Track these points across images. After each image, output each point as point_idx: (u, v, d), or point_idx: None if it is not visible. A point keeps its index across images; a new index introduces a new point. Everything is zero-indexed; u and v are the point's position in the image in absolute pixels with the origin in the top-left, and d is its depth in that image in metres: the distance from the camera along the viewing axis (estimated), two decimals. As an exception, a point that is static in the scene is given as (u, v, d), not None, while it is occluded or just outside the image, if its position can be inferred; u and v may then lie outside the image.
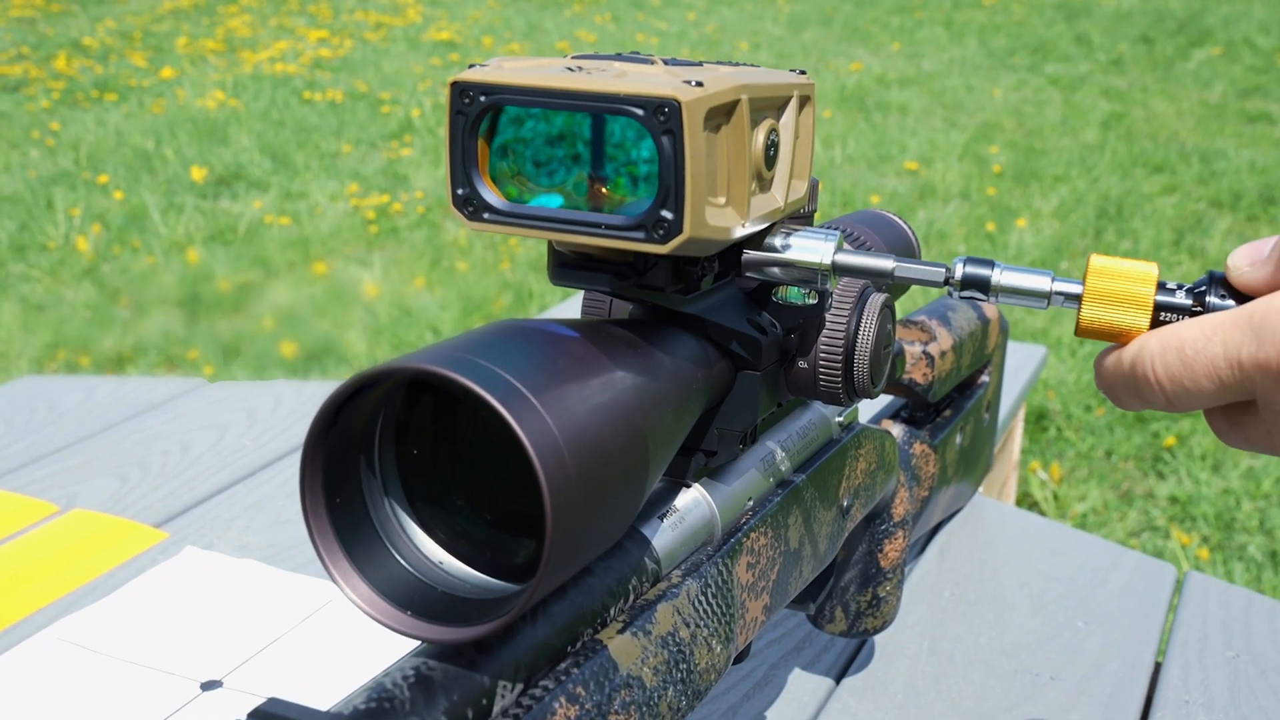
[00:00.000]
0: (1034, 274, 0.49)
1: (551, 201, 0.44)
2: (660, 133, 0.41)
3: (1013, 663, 0.85)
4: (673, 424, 0.46)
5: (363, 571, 0.41)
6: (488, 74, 0.43)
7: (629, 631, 0.47)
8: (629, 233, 0.43)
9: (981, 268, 0.49)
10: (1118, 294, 0.47)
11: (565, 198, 0.44)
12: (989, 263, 0.49)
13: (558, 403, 0.39)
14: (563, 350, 0.41)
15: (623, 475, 0.41)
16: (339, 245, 3.73)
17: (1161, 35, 6.85)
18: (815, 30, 7.26)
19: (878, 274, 0.50)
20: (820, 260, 0.50)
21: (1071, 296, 0.48)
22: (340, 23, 7.31)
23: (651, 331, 0.49)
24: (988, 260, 0.49)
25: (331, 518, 0.41)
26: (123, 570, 0.95)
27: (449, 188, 0.44)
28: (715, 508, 0.54)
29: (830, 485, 0.64)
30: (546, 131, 0.43)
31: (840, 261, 0.50)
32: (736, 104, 0.44)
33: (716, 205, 0.44)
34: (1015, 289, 0.49)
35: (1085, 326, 0.48)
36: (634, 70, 0.43)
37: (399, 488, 0.43)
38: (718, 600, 0.52)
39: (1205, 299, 0.47)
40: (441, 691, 0.40)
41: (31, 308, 3.29)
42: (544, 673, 0.44)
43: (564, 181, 0.43)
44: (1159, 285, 0.47)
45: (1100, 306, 0.47)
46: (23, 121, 5.07)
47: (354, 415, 0.41)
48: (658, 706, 0.47)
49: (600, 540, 0.41)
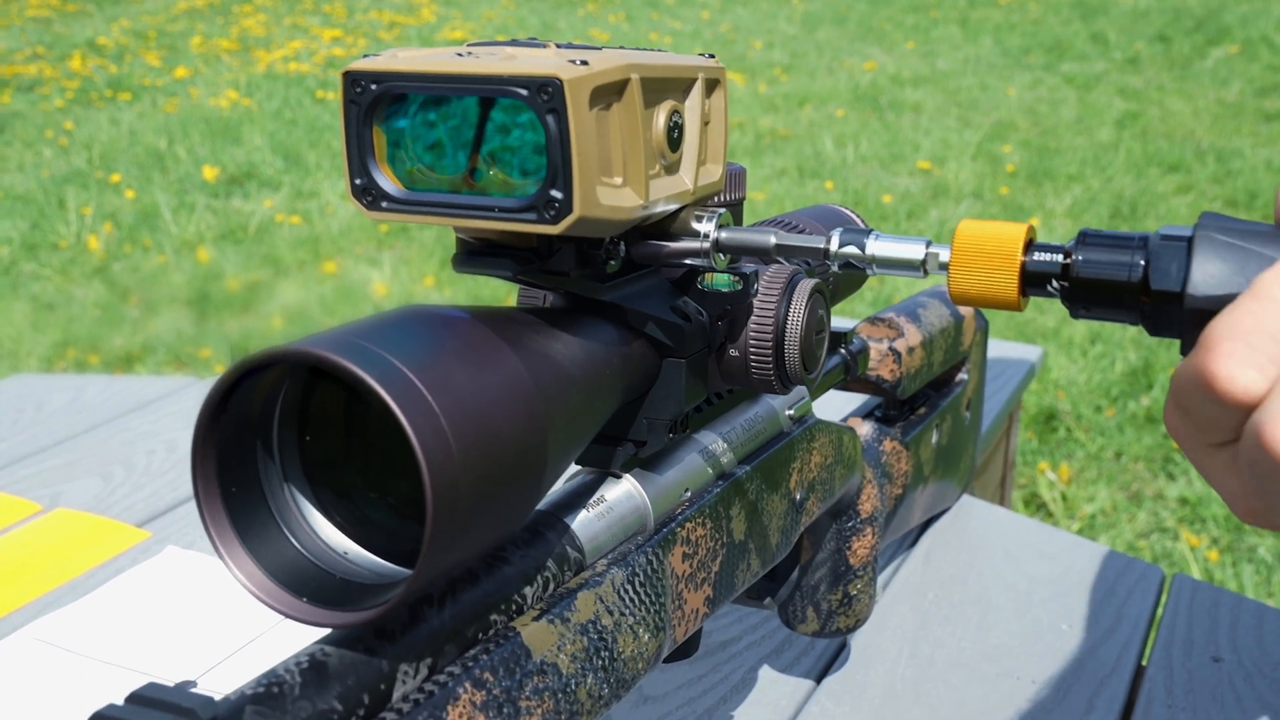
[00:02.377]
0: (907, 242, 0.48)
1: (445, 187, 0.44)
2: (544, 112, 0.41)
3: (994, 666, 0.84)
4: (580, 408, 0.45)
5: (256, 556, 0.41)
6: (379, 63, 0.43)
7: (545, 619, 0.46)
8: (521, 214, 0.43)
9: (857, 236, 0.48)
10: (985, 255, 0.45)
11: (459, 183, 0.44)
12: (865, 231, 0.49)
13: (443, 385, 0.38)
14: (454, 334, 0.41)
15: (515, 457, 0.40)
16: (349, 244, 3.73)
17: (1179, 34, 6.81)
18: (829, 29, 7.25)
19: (760, 250, 0.50)
20: (701, 241, 0.50)
21: (944, 263, 0.46)
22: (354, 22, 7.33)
23: (563, 317, 0.48)
24: (864, 229, 0.49)
25: (226, 503, 0.40)
26: (104, 570, 0.95)
27: (347, 178, 0.44)
28: (647, 498, 0.54)
29: (779, 478, 0.63)
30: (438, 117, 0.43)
31: (724, 239, 0.50)
32: (626, 83, 0.43)
33: (611, 185, 0.44)
34: (888, 259, 0.48)
35: (956, 292, 0.46)
36: (523, 54, 0.43)
37: (299, 473, 0.43)
38: (646, 589, 0.52)
39: (1073, 257, 0.45)
40: (335, 677, 0.40)
41: (42, 306, 3.30)
42: (451, 659, 0.43)
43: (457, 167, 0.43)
44: (1027, 245, 0.45)
45: (968, 270, 0.45)
46: (37, 121, 5.09)
47: (247, 401, 0.40)
48: (575, 693, 0.47)
49: (494, 523, 0.41)
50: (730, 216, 0.51)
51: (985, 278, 0.45)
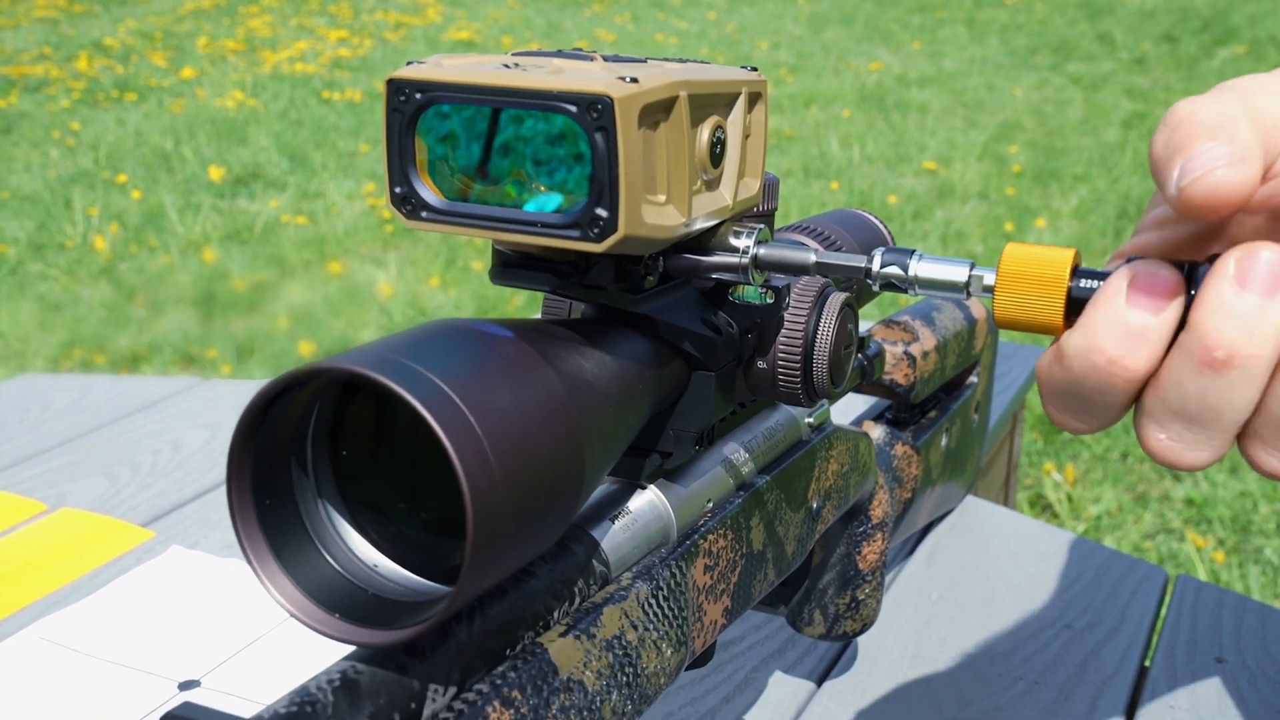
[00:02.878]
0: (952, 263, 0.47)
1: (488, 199, 0.43)
2: (593, 129, 0.40)
3: (997, 667, 0.84)
4: (614, 425, 0.45)
5: (291, 573, 0.40)
6: (424, 71, 0.43)
7: (572, 634, 0.46)
8: (564, 231, 0.42)
9: (900, 256, 0.48)
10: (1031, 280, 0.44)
11: (502, 195, 0.43)
12: (908, 252, 0.48)
13: (483, 403, 0.38)
14: (494, 350, 0.41)
15: (554, 476, 0.40)
16: (355, 245, 3.73)
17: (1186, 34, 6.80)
18: (836, 29, 7.24)
19: (799, 267, 0.49)
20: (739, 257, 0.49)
21: (988, 286, 0.46)
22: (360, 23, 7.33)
23: (597, 331, 0.48)
24: (907, 250, 0.48)
25: (260, 519, 0.40)
26: (108, 569, 0.95)
27: (387, 186, 0.44)
28: (671, 510, 0.54)
29: (797, 487, 0.63)
30: (483, 129, 0.43)
31: (762, 255, 0.49)
32: (675, 100, 0.43)
33: (655, 203, 0.43)
34: (932, 280, 0.47)
35: (1001, 316, 0.46)
36: (571, 67, 0.43)
37: (333, 489, 0.43)
38: (670, 603, 0.51)
39: None
40: (367, 695, 0.39)
41: (49, 306, 3.31)
42: (479, 676, 0.43)
43: (501, 179, 0.43)
44: (1074, 270, 0.44)
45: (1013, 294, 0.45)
46: (43, 121, 5.10)
47: (283, 416, 0.40)
48: (600, 710, 0.46)
49: (531, 543, 0.41)
50: (769, 232, 0.50)
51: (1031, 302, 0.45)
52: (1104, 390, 0.42)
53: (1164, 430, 0.42)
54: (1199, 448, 0.41)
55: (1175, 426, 0.41)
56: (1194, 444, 0.41)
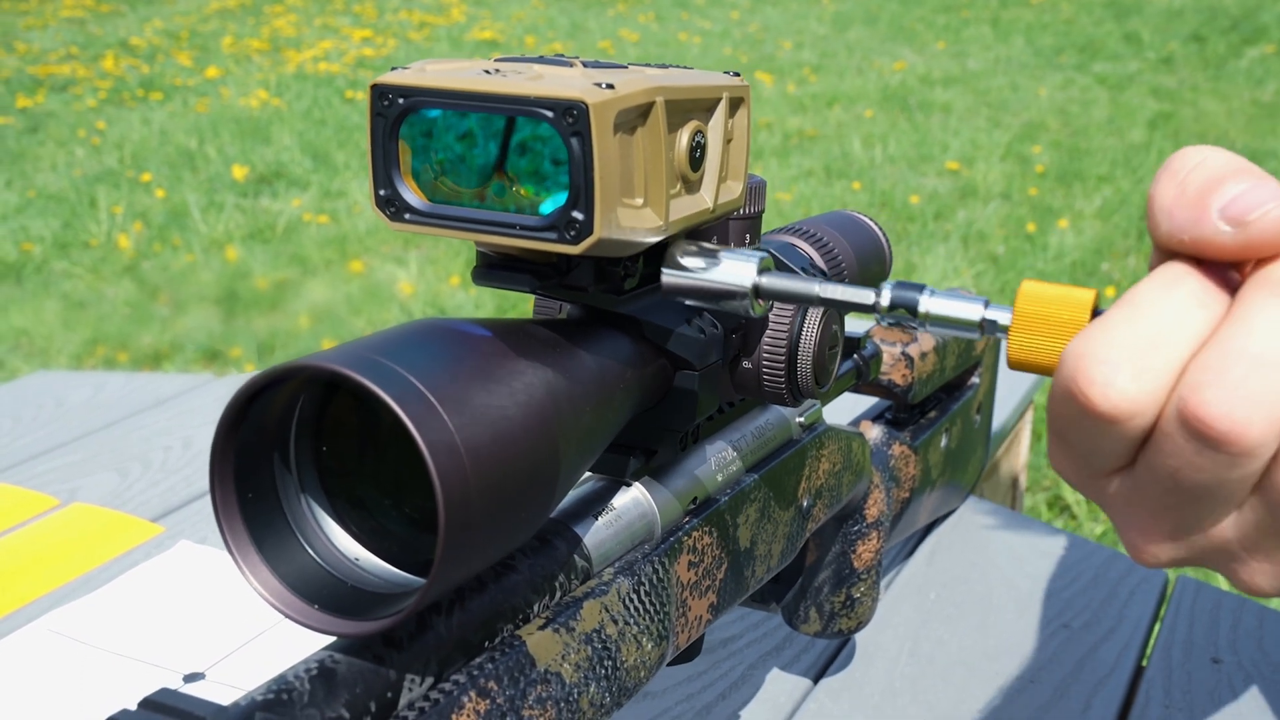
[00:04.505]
0: (965, 300, 0.44)
1: (468, 202, 0.44)
2: (569, 134, 0.41)
3: (993, 665, 0.84)
4: (592, 423, 0.46)
5: (272, 565, 0.42)
6: (407, 77, 0.44)
7: (551, 627, 0.47)
8: (542, 233, 0.43)
9: (910, 292, 0.45)
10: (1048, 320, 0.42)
11: (483, 199, 0.44)
12: (918, 287, 0.45)
13: (457, 400, 0.39)
14: (471, 349, 0.42)
15: (529, 472, 0.41)
16: (376, 244, 3.75)
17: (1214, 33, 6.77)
18: (860, 29, 7.23)
19: (805, 298, 0.48)
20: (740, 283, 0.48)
21: (1002, 325, 0.43)
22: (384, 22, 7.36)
23: (579, 331, 0.49)
24: (917, 285, 0.45)
25: (243, 512, 0.41)
26: (118, 563, 0.97)
27: (371, 189, 0.45)
28: (655, 507, 0.54)
29: (787, 485, 0.64)
30: (463, 133, 0.44)
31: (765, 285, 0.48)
32: (652, 106, 0.44)
33: (632, 206, 0.44)
34: (944, 317, 0.45)
35: (1015, 358, 0.43)
36: (550, 73, 0.44)
37: (316, 483, 0.44)
38: (651, 598, 0.52)
39: None
40: (344, 684, 0.40)
41: (73, 304, 3.34)
42: (457, 667, 0.44)
43: (481, 183, 0.44)
44: (1094, 312, 0.41)
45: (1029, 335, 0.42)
46: (69, 121, 5.14)
47: (265, 411, 0.41)
48: (578, 702, 0.47)
49: (506, 537, 0.42)
50: (772, 261, 0.49)
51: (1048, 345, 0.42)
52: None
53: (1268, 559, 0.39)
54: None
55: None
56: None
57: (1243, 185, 0.38)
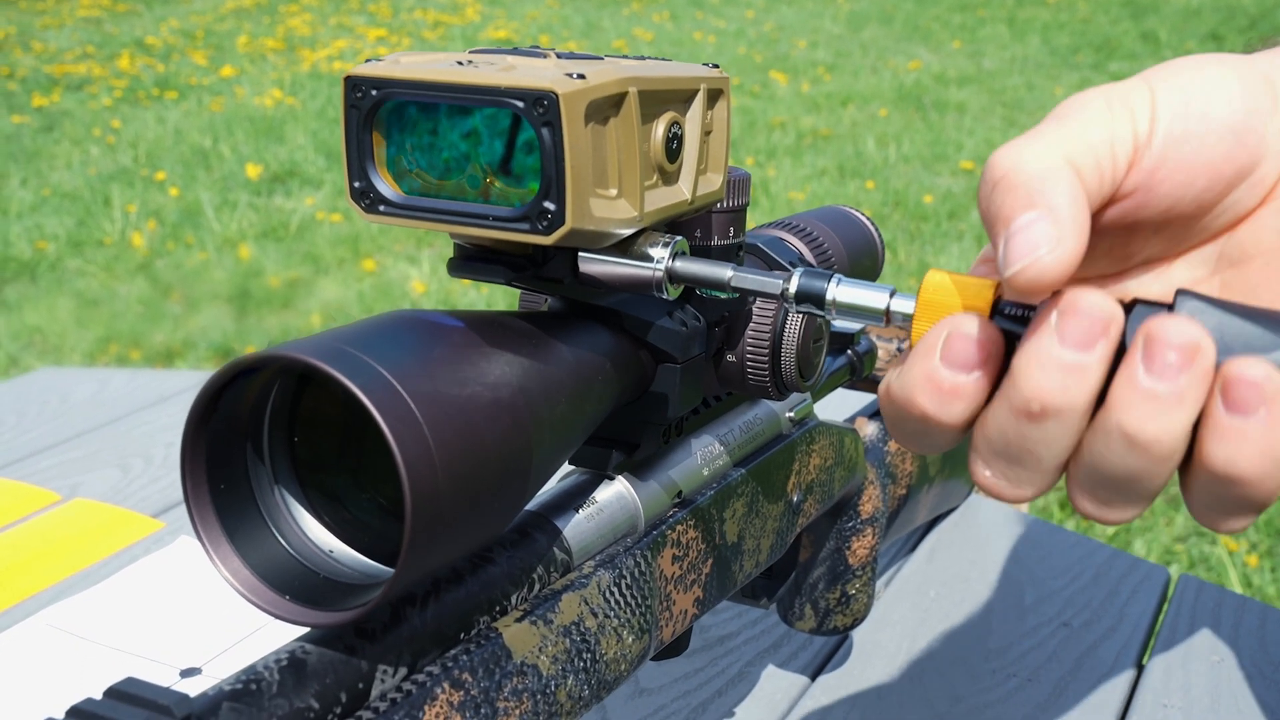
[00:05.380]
0: (871, 289, 0.45)
1: (442, 193, 0.44)
2: (540, 125, 0.41)
3: (991, 663, 0.84)
4: (569, 415, 0.46)
5: (243, 555, 0.42)
6: (380, 69, 0.44)
7: (528, 620, 0.47)
8: (514, 224, 0.43)
9: (817, 280, 0.45)
10: (951, 310, 0.42)
11: (456, 190, 0.44)
12: (826, 275, 0.46)
13: (426, 391, 0.39)
14: (442, 340, 0.42)
15: (499, 464, 0.41)
16: (388, 242, 3.76)
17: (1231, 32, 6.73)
18: (875, 28, 7.22)
19: (715, 283, 0.48)
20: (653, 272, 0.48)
21: (906, 314, 0.44)
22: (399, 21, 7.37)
23: (557, 323, 0.49)
24: (825, 272, 0.46)
25: (214, 501, 0.41)
26: (118, 559, 0.97)
27: (346, 180, 0.45)
28: (639, 500, 0.54)
29: (776, 480, 0.63)
30: (437, 125, 0.44)
31: (678, 269, 0.48)
32: (624, 96, 0.44)
33: (606, 197, 0.44)
34: (850, 305, 0.45)
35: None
36: (522, 64, 0.44)
37: (289, 474, 0.44)
38: (633, 591, 0.52)
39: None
40: (314, 675, 0.40)
41: (86, 302, 3.35)
42: (431, 659, 0.44)
43: (455, 174, 0.44)
44: (995, 301, 0.42)
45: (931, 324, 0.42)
46: (85, 119, 5.16)
47: (237, 402, 0.41)
48: (555, 694, 0.47)
49: (476, 528, 0.41)
50: (686, 244, 0.49)
51: None
52: (928, 433, 0.43)
53: (989, 467, 0.42)
54: (1022, 485, 0.42)
55: (999, 464, 0.42)
56: (1018, 481, 0.42)
57: (1022, 220, 0.40)
